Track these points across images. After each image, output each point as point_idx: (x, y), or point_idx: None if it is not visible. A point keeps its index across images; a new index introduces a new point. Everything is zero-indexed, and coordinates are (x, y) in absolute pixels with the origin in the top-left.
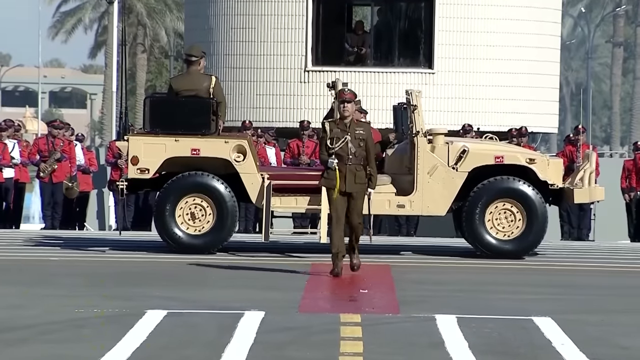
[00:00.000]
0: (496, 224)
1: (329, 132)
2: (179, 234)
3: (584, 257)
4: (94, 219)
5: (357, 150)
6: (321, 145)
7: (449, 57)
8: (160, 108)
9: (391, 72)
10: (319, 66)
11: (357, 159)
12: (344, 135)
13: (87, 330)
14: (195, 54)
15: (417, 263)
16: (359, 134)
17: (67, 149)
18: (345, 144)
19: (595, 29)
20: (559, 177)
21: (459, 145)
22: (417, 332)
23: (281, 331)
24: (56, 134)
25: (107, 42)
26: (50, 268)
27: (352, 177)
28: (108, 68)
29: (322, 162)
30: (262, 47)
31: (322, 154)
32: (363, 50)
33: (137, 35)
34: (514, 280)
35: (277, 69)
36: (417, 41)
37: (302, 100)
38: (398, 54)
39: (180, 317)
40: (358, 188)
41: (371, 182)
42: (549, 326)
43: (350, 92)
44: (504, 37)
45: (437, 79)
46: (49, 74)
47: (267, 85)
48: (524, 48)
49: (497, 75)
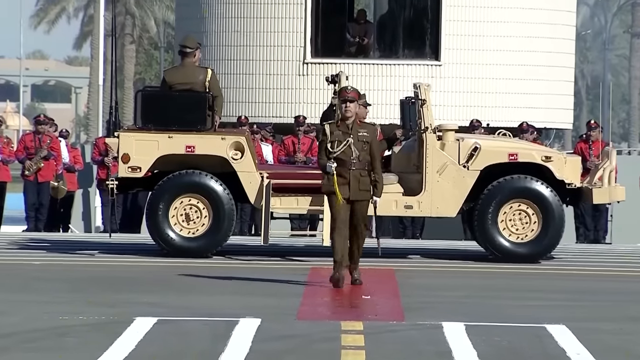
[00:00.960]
0: (510, 225)
1: (329, 135)
2: (173, 237)
3: (601, 260)
4: (80, 220)
5: (360, 154)
6: (320, 149)
7: (456, 49)
8: (153, 102)
9: (395, 64)
10: (318, 58)
11: (361, 164)
12: (345, 138)
13: (72, 338)
14: (190, 45)
15: (423, 267)
16: (363, 137)
17: (55, 146)
18: (347, 147)
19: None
20: (577, 176)
21: (470, 142)
22: (423, 340)
23: (278, 340)
24: (42, 130)
25: (93, 33)
26: (32, 272)
27: (356, 184)
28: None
29: (321, 167)
30: (258, 38)
31: (320, 159)
32: (365, 41)
33: (125, 25)
34: (525, 285)
35: (274, 61)
36: (423, 31)
37: (300, 94)
38: (403, 45)
39: (171, 325)
40: (362, 195)
41: (376, 189)
42: (563, 334)
43: (353, 90)
44: (515, 27)
45: (444, 71)
46: (31, 66)
47: (263, 78)
48: (536, 39)
49: (507, 68)
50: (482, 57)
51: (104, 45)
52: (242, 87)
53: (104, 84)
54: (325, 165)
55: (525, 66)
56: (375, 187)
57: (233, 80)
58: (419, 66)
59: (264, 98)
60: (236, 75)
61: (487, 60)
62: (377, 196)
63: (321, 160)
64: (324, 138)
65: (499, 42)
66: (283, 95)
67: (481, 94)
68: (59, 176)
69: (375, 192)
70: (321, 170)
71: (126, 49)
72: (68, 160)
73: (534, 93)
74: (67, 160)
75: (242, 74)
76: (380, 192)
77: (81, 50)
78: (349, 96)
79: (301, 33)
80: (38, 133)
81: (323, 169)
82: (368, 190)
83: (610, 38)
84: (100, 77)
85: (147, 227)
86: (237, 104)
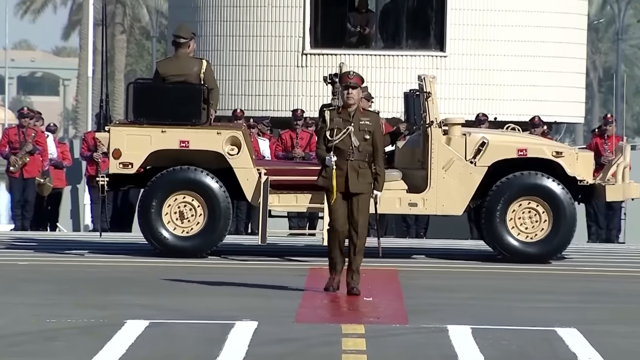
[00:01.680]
0: (519, 224)
1: (328, 122)
2: (166, 236)
3: (614, 260)
4: (68, 218)
5: (361, 144)
6: (319, 137)
7: (462, 39)
8: (145, 95)
9: (398, 55)
10: (318, 49)
11: (361, 155)
12: (346, 126)
13: (60, 342)
14: (184, 35)
15: (427, 268)
16: (365, 125)
17: (40, 140)
18: (347, 136)
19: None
20: (589, 172)
21: (477, 136)
22: (428, 344)
23: (276, 343)
24: (26, 123)
25: (82, 22)
26: (18, 273)
27: (354, 175)
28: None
29: (319, 158)
30: (255, 28)
31: (319, 148)
32: (367, 30)
33: (116, 14)
34: (535, 286)
35: (272, 52)
36: (428, 21)
37: (299, 86)
38: (406, 35)
39: (164, 328)
40: (362, 188)
41: (377, 182)
42: (574, 338)
43: (355, 75)
44: (524, 16)
45: (449, 62)
46: (17, 57)
47: (260, 70)
48: (546, 28)
49: (516, 59)
50: (489, 47)
51: (94, 35)
52: (238, 79)
53: (93, 75)
54: (324, 157)
55: (534, 57)
56: (377, 180)
57: (228, 71)
58: (423, 57)
59: (261, 91)
60: (231, 67)
61: (495, 51)
62: (378, 190)
63: (320, 150)
64: (322, 125)
65: (506, 32)
66: (281, 87)
67: (488, 86)
68: (45, 172)
69: (376, 186)
70: (319, 161)
71: (117, 39)
72: (56, 155)
73: (543, 85)
74: (54, 155)
75: (237, 65)
76: (382, 186)
77: (69, 40)
78: (351, 82)
79: (300, 22)
80: (22, 127)
81: (322, 160)
82: (369, 182)
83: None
84: (90, 69)
85: (139, 225)
86: (232, 96)
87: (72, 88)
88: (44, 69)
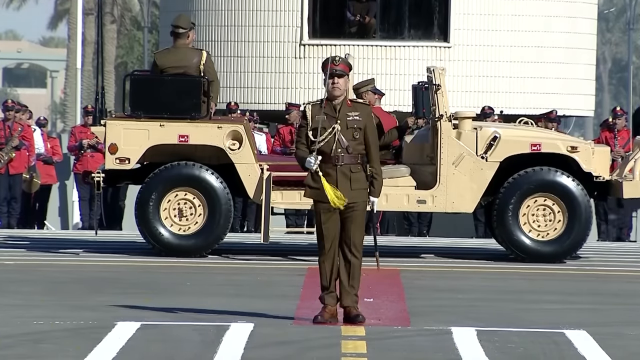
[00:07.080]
0: (532, 222)
1: (310, 120)
2: (164, 234)
3: (626, 260)
4: (56, 216)
5: (350, 145)
6: (298, 137)
7: (467, 29)
8: (143, 88)
9: (400, 46)
10: (316, 39)
11: (352, 157)
12: (331, 124)
13: (47, 345)
14: (183, 25)
15: (430, 267)
16: (354, 121)
17: (27, 135)
18: (332, 136)
19: None
20: (606, 168)
21: (489, 130)
22: (430, 347)
23: (273, 346)
24: (10, 117)
25: (70, 11)
26: (4, 273)
27: (346, 183)
28: (72, 41)
29: (299, 160)
30: (251, 17)
31: (298, 149)
32: (367, 19)
33: (105, 2)
34: (544, 286)
35: (268, 42)
36: (431, 10)
37: (296, 78)
38: (408, 25)
39: (156, 330)
40: (356, 197)
41: (374, 187)
42: (584, 341)
43: (342, 62)
44: (531, 5)
45: (453, 53)
46: (3, 47)
47: (256, 61)
48: (554, 18)
49: (523, 50)
50: (494, 38)
51: (83, 25)
52: (233, 70)
53: (82, 67)
54: (304, 158)
55: (542, 48)
56: (373, 184)
57: (223, 63)
58: (426, 48)
59: (257, 83)
60: (226, 58)
61: (501, 41)
62: (374, 196)
63: (299, 151)
64: (303, 123)
65: (513, 21)
66: (277, 79)
67: (494, 78)
68: (32, 168)
69: (373, 192)
70: (300, 165)
71: (107, 29)
72: (44, 150)
73: (551, 77)
74: (42, 150)
75: (232, 56)
76: (379, 191)
77: (57, 30)
78: (337, 69)
79: (297, 12)
80: (7, 120)
81: (302, 163)
82: (364, 188)
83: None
84: (79, 60)
85: (136, 223)
86: (227, 89)
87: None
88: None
